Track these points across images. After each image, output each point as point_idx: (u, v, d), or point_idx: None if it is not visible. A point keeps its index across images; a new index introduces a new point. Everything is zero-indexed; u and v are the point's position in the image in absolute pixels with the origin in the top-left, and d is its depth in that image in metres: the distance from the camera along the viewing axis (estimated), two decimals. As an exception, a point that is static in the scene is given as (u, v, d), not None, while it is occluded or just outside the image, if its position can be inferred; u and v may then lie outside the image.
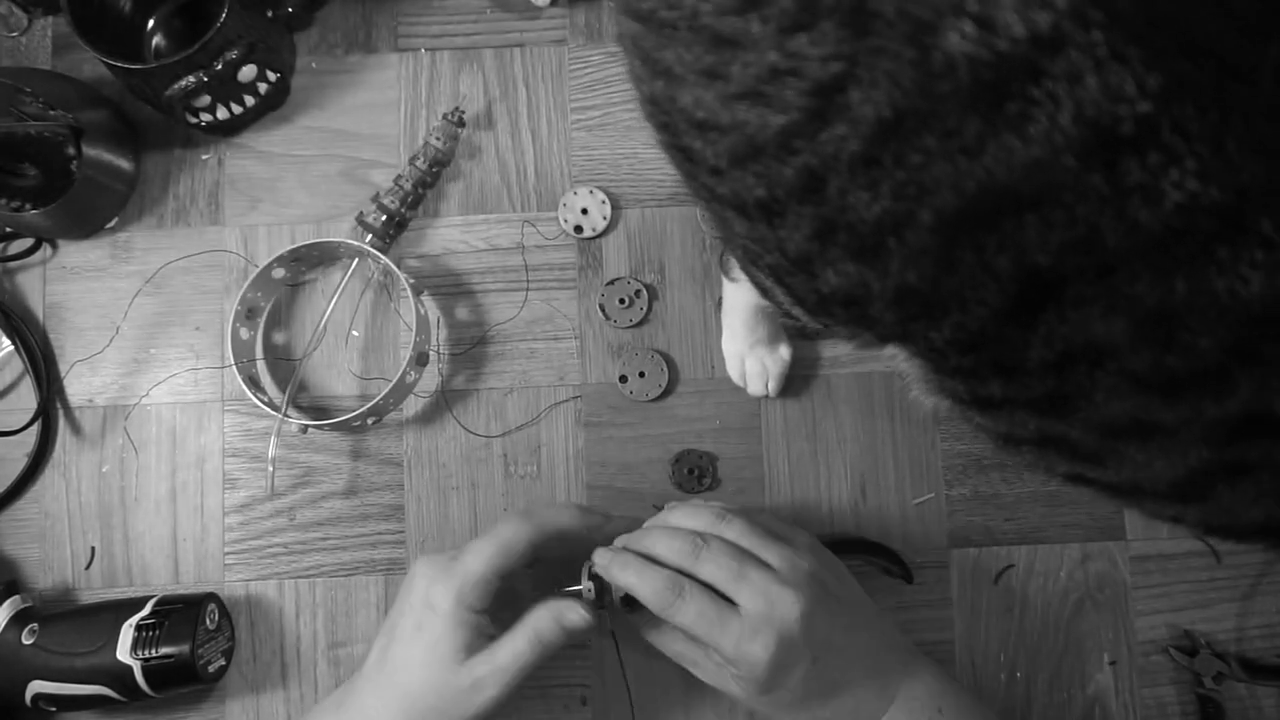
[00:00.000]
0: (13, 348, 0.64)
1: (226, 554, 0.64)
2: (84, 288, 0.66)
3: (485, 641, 0.51)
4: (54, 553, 0.64)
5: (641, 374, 0.64)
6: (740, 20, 0.26)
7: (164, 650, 0.57)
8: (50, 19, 0.68)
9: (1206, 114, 0.22)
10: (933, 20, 0.23)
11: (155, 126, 0.67)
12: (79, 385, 0.65)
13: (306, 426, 0.61)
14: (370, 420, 0.63)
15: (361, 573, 0.63)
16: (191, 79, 0.60)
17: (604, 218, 0.65)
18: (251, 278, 0.62)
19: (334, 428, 0.62)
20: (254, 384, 0.63)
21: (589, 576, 0.53)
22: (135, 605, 0.59)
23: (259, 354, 0.65)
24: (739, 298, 0.58)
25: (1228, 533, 0.34)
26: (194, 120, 0.64)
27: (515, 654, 0.51)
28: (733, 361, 0.62)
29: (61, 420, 0.65)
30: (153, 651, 0.57)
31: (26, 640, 0.58)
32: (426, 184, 0.65)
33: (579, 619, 0.51)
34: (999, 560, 0.63)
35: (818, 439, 0.64)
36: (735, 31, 0.26)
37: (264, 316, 0.66)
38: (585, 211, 0.65)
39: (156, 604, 0.59)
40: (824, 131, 0.26)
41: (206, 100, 0.62)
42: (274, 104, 0.67)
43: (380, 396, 0.60)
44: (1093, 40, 0.22)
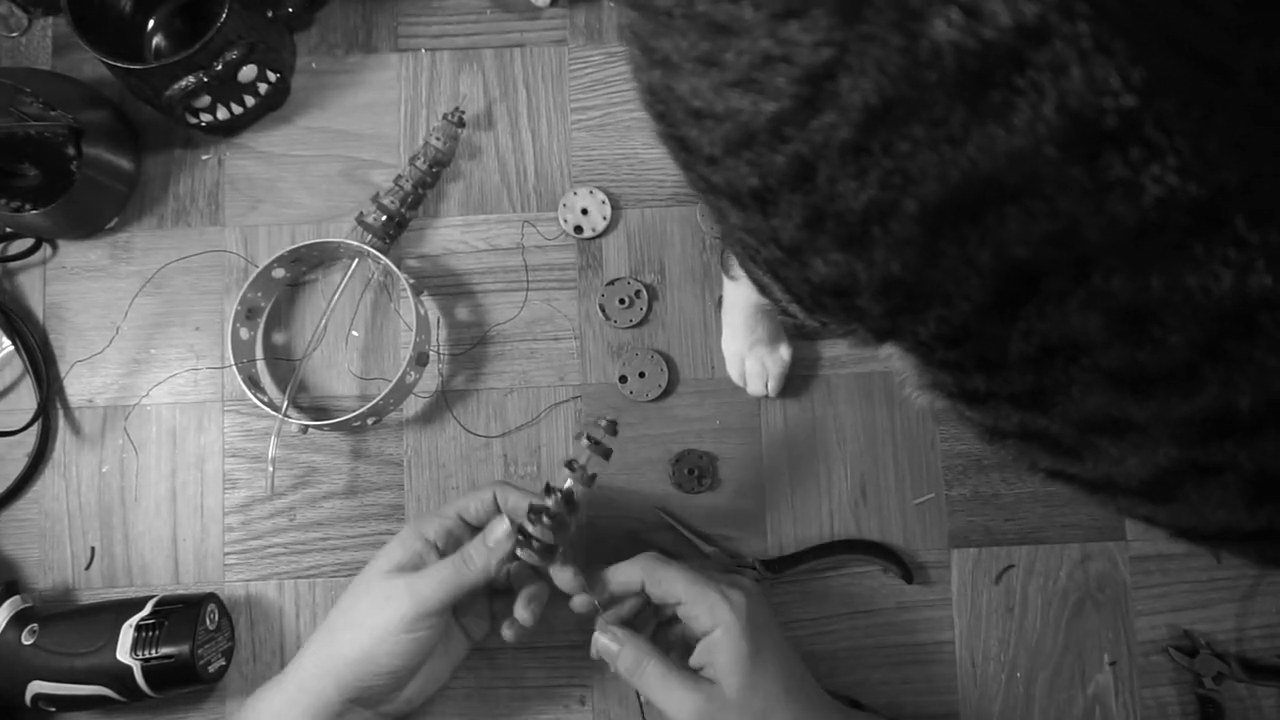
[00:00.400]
0: (13, 348, 0.64)
1: (226, 554, 0.64)
2: (84, 288, 0.66)
3: (415, 571, 0.52)
4: (54, 553, 0.64)
5: (641, 374, 0.64)
6: (734, 6, 0.26)
7: (164, 650, 0.57)
8: (50, 19, 0.68)
9: (1189, 110, 0.22)
10: (921, 7, 0.23)
11: (155, 126, 0.67)
12: (79, 385, 0.65)
13: (306, 427, 0.61)
14: (370, 420, 0.63)
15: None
16: (191, 79, 0.60)
17: (604, 218, 0.65)
18: (251, 278, 0.62)
19: (334, 428, 0.62)
20: (254, 384, 0.63)
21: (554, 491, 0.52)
22: (135, 605, 0.59)
23: (259, 354, 0.65)
24: (739, 296, 0.58)
25: (1195, 535, 0.33)
26: (194, 120, 0.64)
27: (437, 573, 0.51)
28: (733, 361, 0.62)
29: (61, 420, 0.65)
30: (153, 652, 0.57)
31: (26, 640, 0.58)
32: (426, 184, 0.65)
33: (502, 532, 0.52)
34: (999, 560, 0.63)
35: (818, 439, 0.64)
36: (729, 18, 0.26)
37: (264, 317, 0.66)
38: (585, 212, 0.65)
39: (156, 604, 0.59)
40: (814, 119, 0.26)
41: (206, 100, 0.62)
42: (274, 104, 0.67)
43: (380, 397, 0.60)
44: (1078, 32, 0.22)
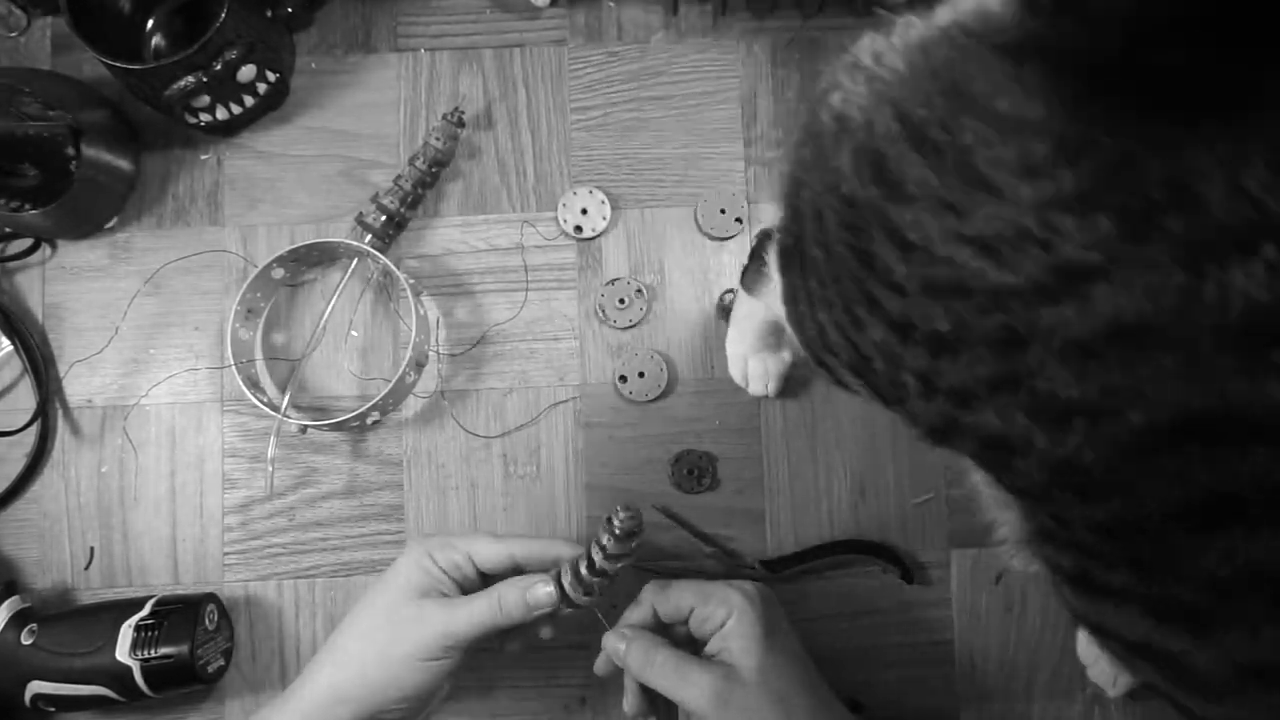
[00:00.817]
0: (12, 348, 0.64)
1: (226, 554, 0.63)
2: (83, 288, 0.66)
3: (441, 598, 0.51)
4: (53, 553, 0.64)
5: (641, 374, 0.63)
6: (1012, 177, 0.25)
7: (163, 650, 0.57)
8: (50, 19, 0.68)
9: None
10: (1224, 253, 0.22)
11: (155, 126, 0.67)
12: (78, 385, 0.65)
13: (306, 427, 0.61)
14: (370, 420, 0.63)
15: (361, 573, 0.63)
16: (191, 79, 0.59)
17: (603, 218, 0.65)
18: (251, 278, 0.62)
19: (334, 428, 0.62)
20: (253, 384, 0.63)
21: (555, 582, 0.52)
22: (134, 605, 0.59)
23: (258, 354, 0.65)
24: (756, 310, 0.58)
25: None
26: (193, 120, 0.64)
27: (472, 609, 0.50)
28: (735, 362, 0.62)
29: (60, 420, 0.65)
30: (152, 652, 0.57)
31: (26, 640, 0.57)
32: (426, 184, 0.65)
33: (545, 596, 0.50)
34: (999, 560, 0.62)
35: (818, 439, 0.64)
36: (1002, 184, 0.26)
37: (263, 316, 0.66)
38: (585, 212, 0.65)
39: (156, 604, 0.59)
40: (1049, 307, 0.25)
41: (206, 100, 0.62)
42: (273, 104, 0.67)
43: (380, 397, 0.60)
44: None
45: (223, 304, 0.65)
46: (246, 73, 0.62)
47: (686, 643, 0.53)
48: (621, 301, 0.64)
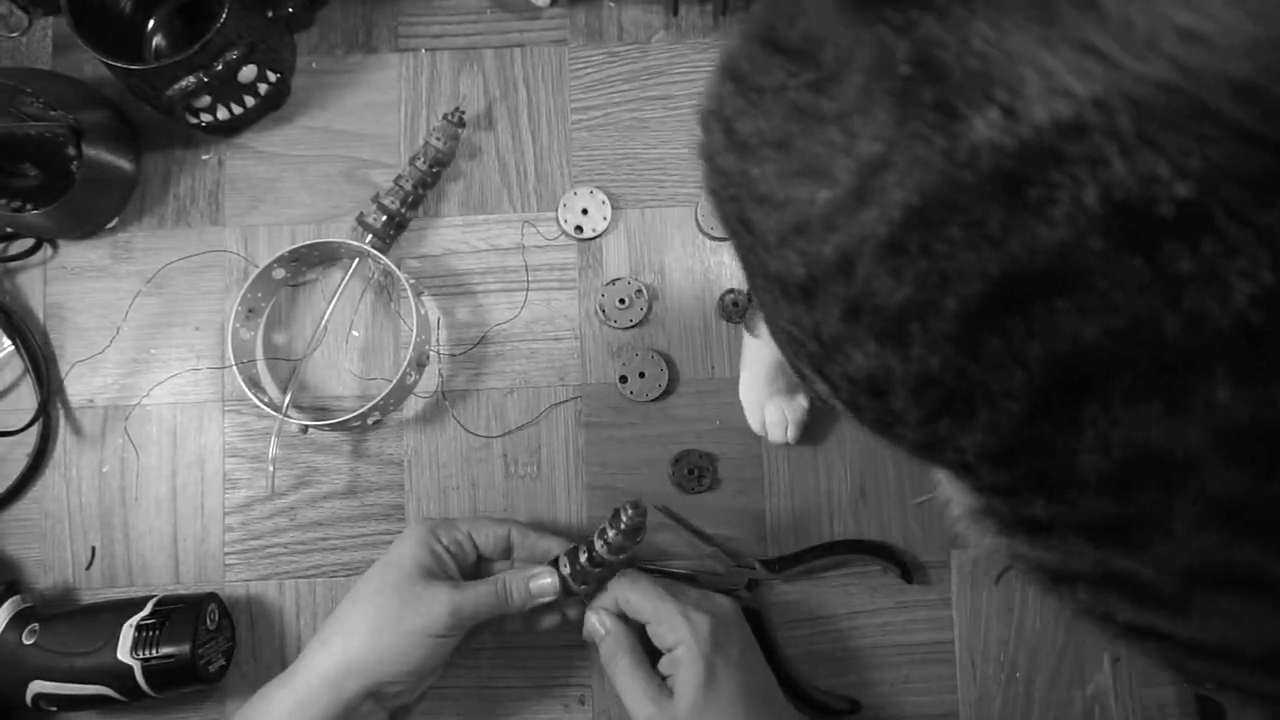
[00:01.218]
0: (13, 348, 0.64)
1: (227, 554, 0.64)
2: (84, 288, 0.66)
3: (447, 580, 0.55)
4: (54, 553, 0.64)
5: (641, 374, 0.64)
6: (815, 96, 0.26)
7: (164, 650, 0.57)
8: (50, 19, 0.68)
9: (1272, 199, 0.21)
10: (964, 110, 0.23)
11: (155, 126, 0.67)
12: (79, 385, 0.65)
13: (307, 427, 0.61)
14: (371, 420, 0.63)
15: (361, 573, 0.63)
16: (191, 79, 0.60)
17: (604, 218, 0.65)
18: (252, 278, 0.62)
19: (334, 428, 0.62)
20: (254, 384, 0.63)
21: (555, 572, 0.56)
22: (135, 605, 0.59)
23: (259, 354, 0.65)
24: (763, 352, 0.59)
25: None
26: (194, 120, 0.64)
27: (479, 592, 0.54)
28: (752, 410, 0.62)
29: (62, 420, 0.65)
30: (153, 651, 0.57)
31: (27, 640, 0.58)
32: (426, 184, 0.65)
33: (548, 585, 0.55)
34: (998, 560, 0.63)
35: (818, 439, 0.64)
36: (810, 106, 0.26)
37: (264, 317, 0.66)
38: (585, 212, 0.65)
39: (157, 604, 0.59)
40: (861, 212, 0.26)
41: (207, 100, 0.62)
42: (274, 104, 0.67)
43: (380, 397, 0.60)
44: (1117, 126, 0.21)
45: (224, 304, 0.66)
46: (247, 73, 0.62)
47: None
48: (622, 301, 0.64)
